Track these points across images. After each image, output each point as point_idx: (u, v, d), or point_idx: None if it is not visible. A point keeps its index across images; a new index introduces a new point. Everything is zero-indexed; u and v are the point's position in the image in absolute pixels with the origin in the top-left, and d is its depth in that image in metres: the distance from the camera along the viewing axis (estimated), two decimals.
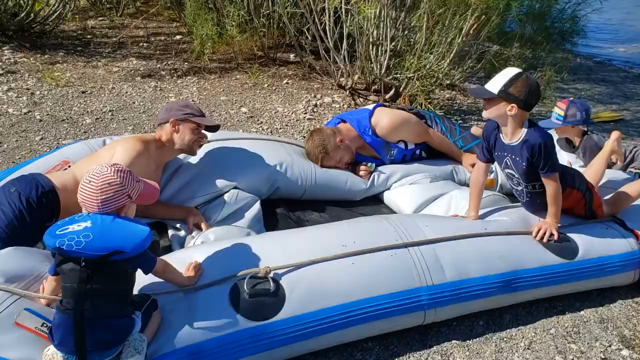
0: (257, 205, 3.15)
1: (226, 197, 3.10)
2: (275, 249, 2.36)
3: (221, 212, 3.04)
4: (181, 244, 2.86)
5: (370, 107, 3.71)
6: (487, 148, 2.83)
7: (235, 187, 3.16)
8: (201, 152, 3.29)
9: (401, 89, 5.13)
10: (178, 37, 7.18)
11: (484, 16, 4.78)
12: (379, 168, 3.62)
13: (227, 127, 4.56)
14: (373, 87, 5.46)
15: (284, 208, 3.30)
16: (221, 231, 2.74)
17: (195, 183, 3.15)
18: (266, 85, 5.56)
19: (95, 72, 5.63)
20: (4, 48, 6.01)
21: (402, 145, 3.66)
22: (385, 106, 3.77)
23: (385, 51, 4.99)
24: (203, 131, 3.13)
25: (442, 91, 6.24)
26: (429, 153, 3.81)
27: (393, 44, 5.15)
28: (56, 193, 2.68)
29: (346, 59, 5.21)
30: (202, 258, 2.31)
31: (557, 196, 2.69)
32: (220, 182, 3.13)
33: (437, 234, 2.52)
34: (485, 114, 2.71)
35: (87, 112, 4.63)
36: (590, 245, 2.72)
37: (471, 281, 2.43)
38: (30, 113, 4.51)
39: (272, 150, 3.41)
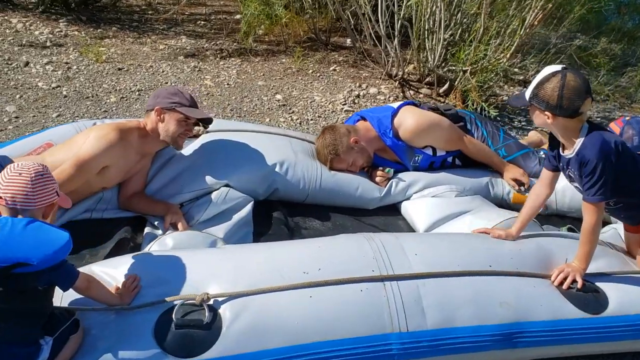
0: (247, 207, 2.82)
1: (213, 195, 2.78)
2: (225, 270, 2.01)
3: (206, 212, 2.73)
4: None
5: (396, 104, 3.24)
6: (554, 155, 2.34)
7: (227, 185, 2.84)
8: (197, 144, 3.00)
9: (456, 83, 4.59)
10: (238, 16, 6.91)
11: (550, 5, 4.14)
12: (400, 175, 3.16)
13: (254, 115, 4.24)
14: (426, 79, 4.94)
15: (281, 212, 2.94)
16: (182, 237, 2.42)
17: (184, 177, 2.85)
18: (311, 71, 5.18)
19: (140, 49, 5.46)
20: (60, 20, 5.97)
21: (429, 152, 3.19)
22: (415, 105, 3.29)
23: (439, 40, 4.47)
24: (200, 125, 2.86)
25: (511, 87, 5.62)
26: (464, 161, 3.31)
27: (450, 32, 4.62)
28: None
29: (397, 47, 4.72)
30: (141, 272, 2.00)
31: (593, 233, 2.17)
32: (210, 179, 2.81)
33: (427, 266, 2.07)
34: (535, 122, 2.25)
35: (115, 90, 4.46)
36: (627, 298, 2.18)
37: (458, 331, 1.97)
38: (58, 88, 4.39)
39: (276, 146, 3.05)
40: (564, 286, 2.15)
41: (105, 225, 2.70)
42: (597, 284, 2.23)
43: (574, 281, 2.16)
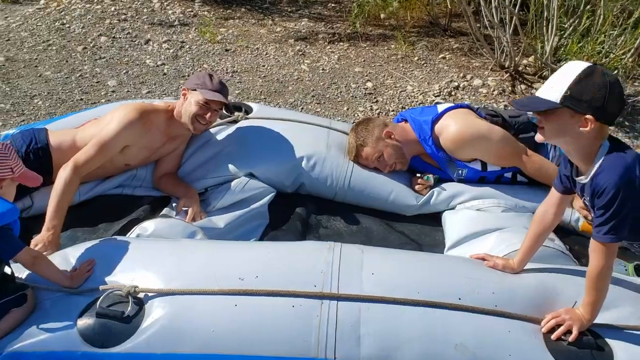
0: (264, 200, 2.73)
1: (233, 183, 2.73)
2: (167, 264, 1.95)
3: (222, 199, 2.70)
4: None
5: (442, 107, 2.80)
6: (567, 175, 1.90)
7: (250, 174, 2.77)
8: (232, 130, 2.96)
9: None
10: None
11: None
12: (444, 184, 2.80)
13: (334, 103, 4.10)
14: (542, 73, 4.38)
15: (306, 208, 2.80)
16: (163, 224, 2.38)
17: (212, 162, 2.85)
18: (416, 58, 4.86)
19: (257, 31, 5.55)
20: (196, 0, 6.26)
21: (476, 166, 2.74)
22: (469, 109, 2.81)
23: (553, 29, 3.91)
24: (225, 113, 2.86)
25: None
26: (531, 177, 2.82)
27: (571, 21, 4.03)
28: (48, 151, 2.63)
29: (509, 36, 4.22)
30: (100, 258, 2.01)
31: (600, 279, 1.74)
32: (234, 166, 2.77)
33: (380, 289, 1.81)
34: (540, 137, 1.78)
35: (213, 70, 4.58)
36: None
37: None
38: (162, 66, 4.62)
39: (309, 139, 2.90)
40: (554, 336, 1.75)
41: (131, 202, 2.77)
42: (610, 340, 1.79)
43: (569, 332, 1.75)
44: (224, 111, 2.91)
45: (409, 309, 1.77)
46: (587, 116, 1.65)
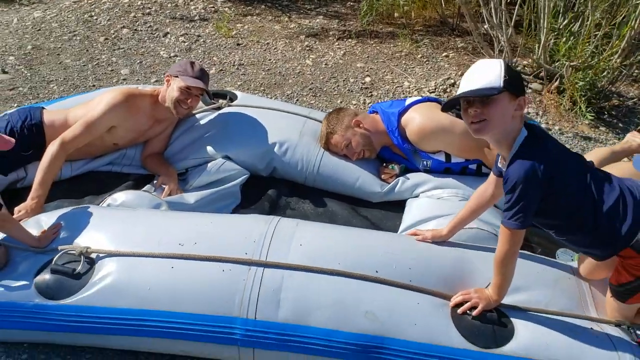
0: (237, 181, 2.94)
1: (209, 164, 2.94)
2: (121, 229, 2.17)
3: (199, 179, 2.92)
4: None
5: (409, 100, 2.93)
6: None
7: (226, 157, 2.97)
8: (214, 115, 3.16)
9: (564, 79, 4.05)
10: None
11: None
12: (410, 174, 2.94)
13: (329, 96, 4.25)
14: (537, 73, 4.42)
15: (278, 190, 2.98)
16: (132, 196, 2.60)
17: (194, 145, 3.08)
18: (419, 56, 4.95)
19: (272, 27, 5.73)
20: None
21: (440, 157, 2.86)
22: (438, 102, 2.92)
23: (544, 31, 3.96)
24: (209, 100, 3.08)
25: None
26: None
27: (565, 21, 4.06)
28: (42, 127, 2.88)
29: (506, 35, 4.29)
30: (67, 222, 2.24)
31: (504, 264, 1.86)
32: (211, 149, 2.99)
33: (304, 259, 1.97)
34: (477, 131, 1.80)
35: (221, 63, 4.79)
36: (538, 342, 1.83)
37: (308, 330, 1.86)
38: (174, 57, 4.86)
39: (284, 126, 3.08)
40: (460, 310, 1.89)
41: (118, 178, 3.01)
42: (515, 319, 1.90)
43: (475, 308, 1.87)
44: (208, 98, 3.11)
45: (327, 278, 1.93)
46: (523, 97, 1.78)
